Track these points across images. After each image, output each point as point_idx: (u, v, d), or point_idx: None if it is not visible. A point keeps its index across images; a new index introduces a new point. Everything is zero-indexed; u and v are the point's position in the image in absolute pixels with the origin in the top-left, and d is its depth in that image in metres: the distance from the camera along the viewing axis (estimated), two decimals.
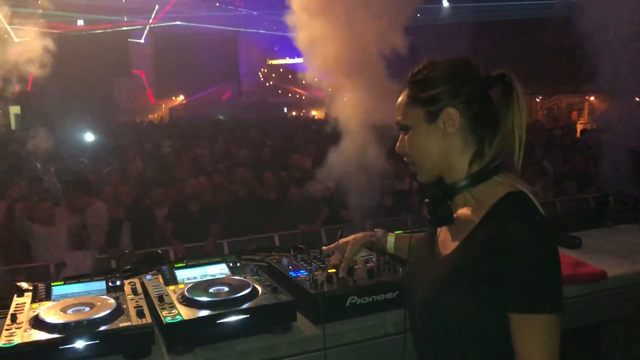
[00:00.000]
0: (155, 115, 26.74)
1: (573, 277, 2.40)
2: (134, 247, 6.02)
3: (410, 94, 1.48)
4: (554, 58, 18.22)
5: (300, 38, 3.95)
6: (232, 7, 26.68)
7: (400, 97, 1.52)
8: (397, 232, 2.17)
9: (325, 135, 9.39)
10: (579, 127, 15.07)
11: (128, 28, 26.77)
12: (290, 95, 31.44)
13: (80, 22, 25.09)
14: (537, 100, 22.58)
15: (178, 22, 25.99)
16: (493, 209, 1.36)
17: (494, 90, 1.43)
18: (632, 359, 2.70)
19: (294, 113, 27.55)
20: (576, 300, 2.39)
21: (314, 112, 27.68)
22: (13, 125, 22.60)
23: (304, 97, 31.00)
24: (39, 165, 9.15)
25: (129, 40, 27.42)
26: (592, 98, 20.17)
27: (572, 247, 2.90)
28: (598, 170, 8.39)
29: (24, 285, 2.17)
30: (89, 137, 14.12)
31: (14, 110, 23.03)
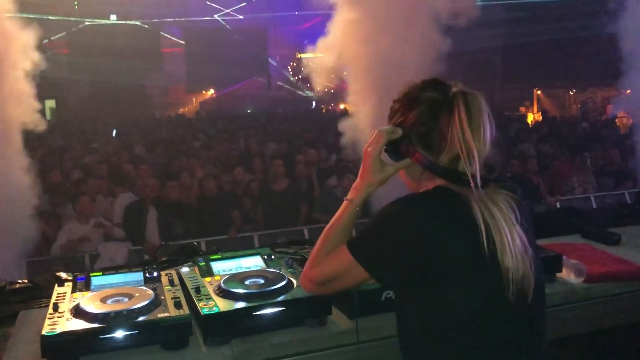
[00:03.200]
0: (187, 109, 27.00)
1: (614, 273, 2.35)
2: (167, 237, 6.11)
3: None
4: (588, 51, 17.83)
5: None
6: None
7: None
8: None
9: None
10: (618, 121, 14.71)
11: (159, 20, 27.08)
12: (318, 89, 31.40)
13: (113, 17, 25.46)
14: (571, 93, 22.12)
15: (215, 17, 26.22)
16: None
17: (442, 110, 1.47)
18: None
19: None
20: (616, 298, 2.34)
21: (342, 105, 27.64)
22: (48, 118, 23.11)
23: (332, 91, 30.99)
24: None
25: (161, 33, 27.72)
26: (628, 91, 19.68)
27: (611, 243, 2.83)
28: (636, 164, 8.20)
29: (64, 275, 2.22)
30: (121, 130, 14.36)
31: (49, 104, 23.54)
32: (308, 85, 31.39)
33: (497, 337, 1.39)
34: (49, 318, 1.78)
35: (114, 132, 13.81)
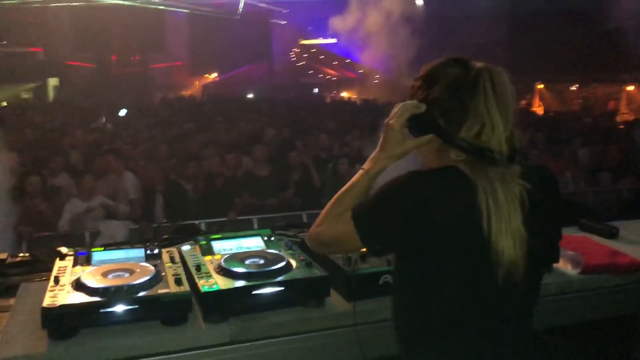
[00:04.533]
0: (190, 92, 26.96)
1: (610, 266, 2.37)
2: (169, 219, 6.15)
3: None
4: (591, 46, 17.78)
5: None
6: None
7: None
8: None
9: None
10: (624, 117, 14.69)
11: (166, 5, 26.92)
12: (321, 76, 31.29)
13: None
14: (574, 89, 22.05)
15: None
16: None
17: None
18: None
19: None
20: (612, 290, 2.36)
21: (344, 94, 27.59)
22: (51, 97, 23.09)
23: (334, 79, 30.87)
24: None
25: (165, 19, 27.60)
26: (630, 88, 19.63)
27: (609, 236, 2.85)
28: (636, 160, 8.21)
29: (65, 249, 2.24)
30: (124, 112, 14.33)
31: (53, 82, 23.49)
32: (310, 72, 31.35)
33: (483, 316, 1.43)
34: (50, 291, 1.80)
35: (124, 112, 13.72)
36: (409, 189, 1.41)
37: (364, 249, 1.54)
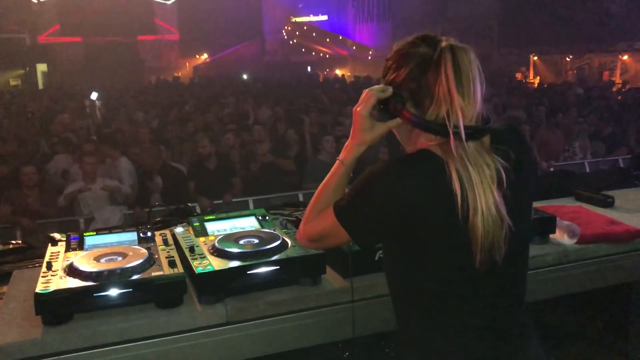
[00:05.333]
0: (180, 73, 26.75)
1: (606, 235, 2.36)
2: (164, 202, 6.12)
3: None
4: (586, 16, 17.66)
5: None
6: None
7: None
8: None
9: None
10: (619, 87, 14.65)
11: None
12: (313, 53, 31.08)
13: None
14: (568, 59, 21.97)
15: None
16: None
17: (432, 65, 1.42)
18: None
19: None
20: (609, 259, 2.36)
21: (338, 71, 27.43)
22: (40, 83, 22.88)
23: (327, 56, 30.65)
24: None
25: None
26: (625, 57, 19.57)
27: (605, 205, 2.84)
28: (629, 130, 8.21)
29: (57, 235, 2.21)
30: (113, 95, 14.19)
31: (41, 67, 23.26)
32: (303, 50, 31.10)
33: (469, 300, 1.42)
34: (43, 276, 1.77)
35: (95, 95, 13.48)
36: (387, 178, 1.38)
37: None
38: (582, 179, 3.44)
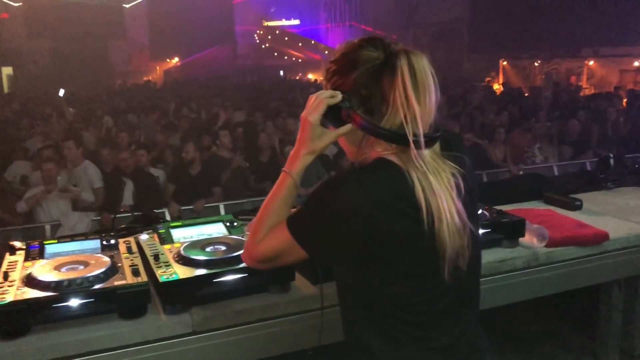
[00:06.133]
0: (151, 77, 26.43)
1: (575, 238, 2.38)
2: (136, 208, 5.99)
3: None
4: (553, 22, 18.02)
5: None
6: None
7: None
8: None
9: None
10: (585, 92, 14.95)
11: None
12: (286, 57, 31.06)
13: None
14: (536, 64, 22.36)
15: None
16: None
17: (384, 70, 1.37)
18: (630, 320, 2.71)
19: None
20: (576, 262, 2.37)
21: (310, 75, 27.44)
22: (5, 86, 22.35)
23: (300, 60, 30.65)
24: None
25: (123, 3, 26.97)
26: (591, 62, 20.01)
27: (573, 208, 2.87)
28: (595, 134, 8.37)
29: (17, 244, 2.13)
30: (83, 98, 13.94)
31: (6, 71, 22.73)
32: (275, 54, 31.06)
33: (434, 313, 1.38)
34: None
35: (61, 91, 13.15)
36: (346, 191, 1.30)
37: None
38: (550, 182, 3.47)
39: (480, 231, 1.77)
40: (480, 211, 2.32)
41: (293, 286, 1.96)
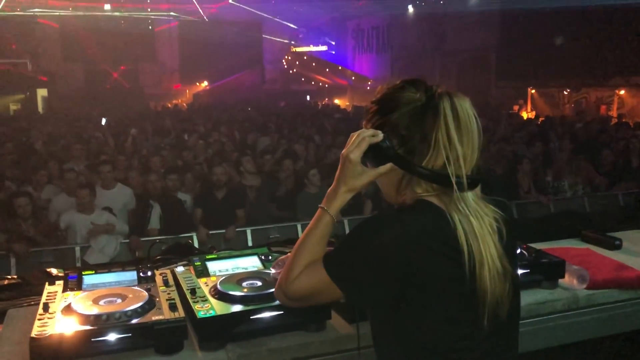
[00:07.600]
0: (180, 100, 26.87)
1: (617, 280, 2.31)
2: (163, 232, 6.04)
3: None
4: (583, 50, 17.87)
5: None
6: None
7: None
8: None
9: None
10: (615, 121, 14.73)
11: (155, 15, 26.88)
12: (313, 83, 31.31)
13: (107, 6, 25.27)
14: (565, 93, 22.15)
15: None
16: None
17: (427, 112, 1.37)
18: None
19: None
20: (618, 305, 2.30)
21: (336, 101, 27.60)
22: (40, 107, 22.94)
23: (326, 86, 30.88)
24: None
25: (155, 28, 27.63)
26: (622, 92, 19.74)
27: (612, 248, 2.79)
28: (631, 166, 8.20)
29: (54, 271, 2.15)
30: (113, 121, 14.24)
31: (41, 92, 23.36)
32: (302, 79, 31.35)
33: (471, 356, 1.35)
34: (39, 319, 1.71)
35: (103, 120, 13.61)
36: (386, 231, 1.30)
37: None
38: (587, 219, 3.40)
39: (519, 271, 1.74)
40: (518, 250, 2.27)
41: (329, 325, 1.94)
